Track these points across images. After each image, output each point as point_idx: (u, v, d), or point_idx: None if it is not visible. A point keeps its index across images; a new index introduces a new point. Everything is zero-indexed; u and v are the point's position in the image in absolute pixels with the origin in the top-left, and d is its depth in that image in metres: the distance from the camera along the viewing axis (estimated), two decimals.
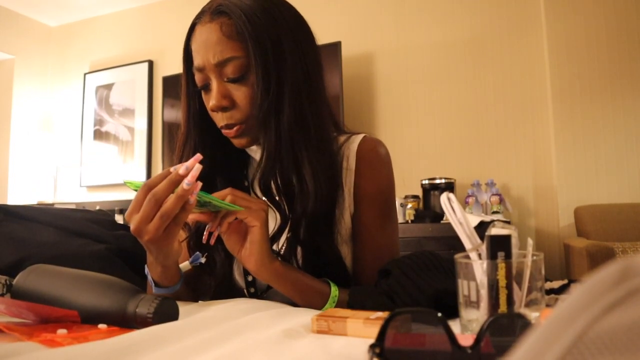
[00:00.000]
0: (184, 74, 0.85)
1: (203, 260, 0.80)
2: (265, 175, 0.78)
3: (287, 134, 0.77)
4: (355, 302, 0.65)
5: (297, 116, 0.78)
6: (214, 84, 0.78)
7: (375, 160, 0.87)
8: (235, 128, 0.80)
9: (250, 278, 0.89)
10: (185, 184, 0.63)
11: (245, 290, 0.89)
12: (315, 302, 0.76)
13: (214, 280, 0.88)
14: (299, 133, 0.78)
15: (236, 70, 0.77)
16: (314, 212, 0.78)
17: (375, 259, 0.86)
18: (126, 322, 0.56)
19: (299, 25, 0.83)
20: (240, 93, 0.78)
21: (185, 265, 0.80)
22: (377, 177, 0.87)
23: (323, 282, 0.79)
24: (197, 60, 0.79)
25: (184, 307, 0.63)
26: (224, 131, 0.81)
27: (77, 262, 0.92)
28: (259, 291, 0.89)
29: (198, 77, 0.81)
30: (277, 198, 0.80)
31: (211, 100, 0.78)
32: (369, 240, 0.87)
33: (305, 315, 0.61)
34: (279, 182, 0.80)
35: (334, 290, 0.77)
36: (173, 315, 0.59)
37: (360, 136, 0.89)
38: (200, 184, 0.65)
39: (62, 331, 0.53)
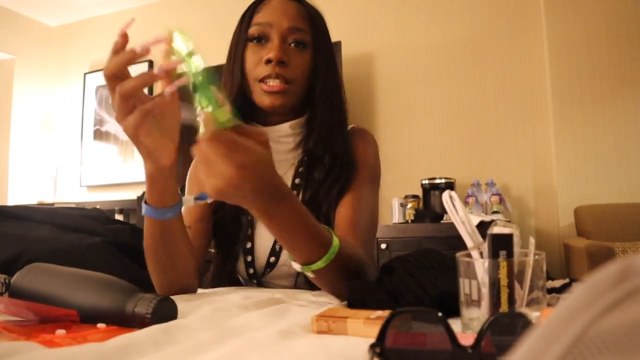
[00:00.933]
0: (240, 28, 0.94)
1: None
2: (318, 142, 0.91)
3: (338, 113, 0.95)
4: (356, 299, 0.65)
5: (342, 100, 0.97)
6: (277, 41, 0.88)
7: (363, 140, 0.99)
8: (283, 85, 0.87)
9: (249, 258, 0.90)
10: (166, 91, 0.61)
11: (245, 268, 0.91)
12: (304, 252, 0.68)
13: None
14: (343, 114, 0.96)
15: (302, 39, 0.91)
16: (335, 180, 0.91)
17: (353, 217, 0.90)
18: (125, 321, 0.56)
19: None
20: (299, 57, 0.90)
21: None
22: (364, 151, 0.97)
23: (325, 229, 0.71)
24: (267, 18, 0.89)
25: (182, 306, 0.63)
26: (269, 83, 0.88)
27: (74, 254, 0.93)
28: (258, 273, 0.90)
29: (257, 29, 0.90)
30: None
31: (272, 51, 0.87)
32: (354, 196, 0.91)
33: (305, 314, 0.61)
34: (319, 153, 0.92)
35: (335, 241, 0.70)
36: (171, 315, 0.59)
37: (349, 126, 1.00)
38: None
39: (60, 332, 0.52)
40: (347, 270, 0.70)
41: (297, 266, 0.70)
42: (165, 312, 0.57)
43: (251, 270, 0.91)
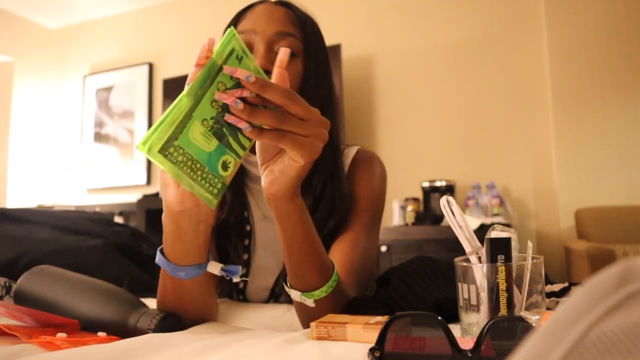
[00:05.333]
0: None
1: (238, 278, 0.60)
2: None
3: (333, 132, 0.82)
4: (353, 311, 0.64)
5: (333, 115, 0.85)
6: (262, 49, 0.78)
7: (368, 169, 0.90)
8: None
9: (241, 285, 0.88)
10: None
11: (235, 294, 0.89)
12: (312, 274, 0.63)
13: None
14: (333, 133, 0.83)
15: (291, 46, 0.80)
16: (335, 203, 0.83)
17: (345, 263, 0.79)
18: (126, 334, 0.55)
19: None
20: (288, 68, 0.76)
21: (214, 266, 0.60)
22: (368, 183, 0.89)
23: (329, 259, 0.67)
24: (250, 25, 0.80)
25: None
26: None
27: (75, 255, 0.93)
28: (246, 297, 0.89)
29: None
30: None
31: (257, 60, 0.77)
32: (350, 239, 0.82)
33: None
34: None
35: (336, 273, 0.66)
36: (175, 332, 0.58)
37: (355, 148, 0.92)
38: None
39: (61, 335, 0.52)
40: (340, 305, 0.67)
41: (295, 294, 0.64)
42: (169, 329, 0.56)
43: (241, 297, 0.90)
